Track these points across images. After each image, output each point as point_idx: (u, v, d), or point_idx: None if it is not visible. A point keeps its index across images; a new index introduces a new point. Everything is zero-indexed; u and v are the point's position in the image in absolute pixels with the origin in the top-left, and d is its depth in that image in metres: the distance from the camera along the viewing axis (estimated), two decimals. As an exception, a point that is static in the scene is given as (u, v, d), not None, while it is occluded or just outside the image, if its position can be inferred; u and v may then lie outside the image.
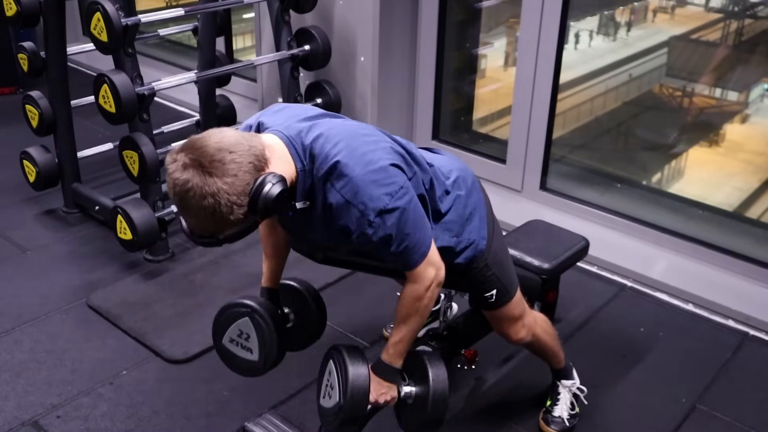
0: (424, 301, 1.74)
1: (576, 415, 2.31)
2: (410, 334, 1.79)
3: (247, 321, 1.92)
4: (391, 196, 1.60)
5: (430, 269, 1.72)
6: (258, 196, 1.51)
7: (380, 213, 1.60)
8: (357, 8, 3.58)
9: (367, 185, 1.58)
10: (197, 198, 1.49)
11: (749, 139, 3.34)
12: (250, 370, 1.98)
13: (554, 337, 2.25)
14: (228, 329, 1.96)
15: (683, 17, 3.44)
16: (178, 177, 1.50)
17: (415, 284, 1.73)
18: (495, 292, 1.99)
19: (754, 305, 2.85)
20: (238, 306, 1.93)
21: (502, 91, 3.88)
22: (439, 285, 1.75)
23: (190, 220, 1.56)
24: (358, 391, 1.74)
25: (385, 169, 1.61)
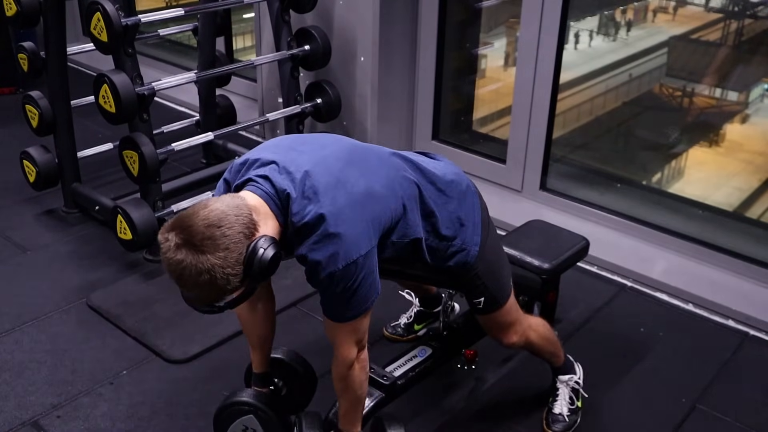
0: (349, 382, 1.81)
1: (577, 410, 2.30)
2: (352, 405, 1.88)
3: (251, 418, 2.00)
4: (345, 265, 1.62)
5: (352, 348, 1.77)
6: (252, 263, 1.55)
7: (329, 275, 1.63)
8: (357, 8, 3.58)
9: (325, 250, 1.61)
10: (194, 275, 1.53)
11: (749, 139, 3.34)
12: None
13: (551, 341, 2.25)
14: (231, 426, 2.04)
15: (683, 17, 3.44)
16: (172, 257, 1.54)
17: (336, 361, 1.79)
18: (483, 300, 2.00)
19: (754, 305, 2.85)
20: (239, 405, 2.01)
21: (502, 91, 3.88)
22: (362, 368, 1.81)
23: (190, 294, 1.61)
24: None
25: (349, 239, 1.62)
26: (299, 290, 2.90)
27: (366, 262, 1.65)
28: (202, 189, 3.39)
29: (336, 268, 1.61)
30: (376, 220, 1.68)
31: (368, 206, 1.67)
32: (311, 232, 1.61)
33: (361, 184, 1.67)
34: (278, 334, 2.71)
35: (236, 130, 3.85)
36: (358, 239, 1.63)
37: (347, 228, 1.62)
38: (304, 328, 2.74)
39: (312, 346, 2.60)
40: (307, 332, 2.72)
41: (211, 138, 3.40)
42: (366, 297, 1.70)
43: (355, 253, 1.62)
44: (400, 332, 2.67)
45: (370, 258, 1.67)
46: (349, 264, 1.62)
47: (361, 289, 1.67)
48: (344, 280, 1.64)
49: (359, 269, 1.64)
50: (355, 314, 1.71)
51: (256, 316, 2.01)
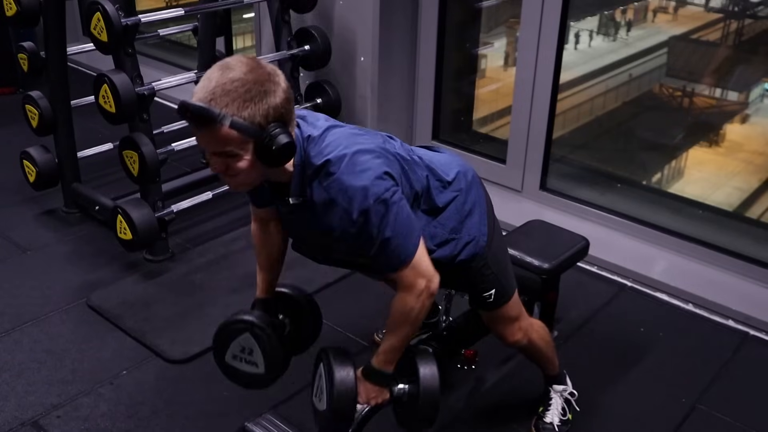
0: (413, 312, 1.74)
1: (568, 421, 2.30)
2: (400, 342, 1.80)
3: (248, 336, 1.93)
4: (376, 196, 1.61)
5: (420, 280, 1.72)
6: (275, 128, 1.53)
7: (363, 212, 1.61)
8: (357, 8, 3.58)
9: (352, 184, 1.60)
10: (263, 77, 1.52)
11: (749, 139, 3.34)
12: (257, 383, 2.00)
13: (550, 345, 2.25)
14: (229, 347, 1.97)
15: (683, 17, 3.44)
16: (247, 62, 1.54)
17: (404, 293, 1.73)
18: (493, 292, 1.99)
19: (754, 305, 2.85)
20: (237, 323, 1.94)
21: (502, 91, 3.88)
22: (430, 296, 1.75)
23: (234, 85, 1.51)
24: (343, 397, 1.77)
25: (372, 170, 1.62)
26: (299, 290, 2.90)
27: (395, 197, 1.64)
28: (202, 189, 3.39)
29: (367, 204, 1.60)
30: (396, 173, 1.69)
31: (388, 157, 1.68)
32: (334, 170, 1.61)
33: (377, 140, 1.70)
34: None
35: (236, 130, 3.84)
36: (383, 175, 1.63)
37: (371, 166, 1.62)
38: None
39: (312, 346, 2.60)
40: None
41: (211, 138, 3.39)
42: (410, 226, 1.68)
43: (382, 187, 1.62)
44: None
45: (398, 194, 1.66)
46: (379, 197, 1.61)
47: (400, 220, 1.65)
48: (378, 215, 1.62)
49: (391, 200, 1.63)
50: (411, 248, 1.69)
51: (266, 236, 1.98)
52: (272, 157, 1.55)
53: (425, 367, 1.83)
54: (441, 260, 1.88)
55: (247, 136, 1.52)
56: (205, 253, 3.24)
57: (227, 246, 3.30)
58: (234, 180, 1.61)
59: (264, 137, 1.53)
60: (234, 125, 1.50)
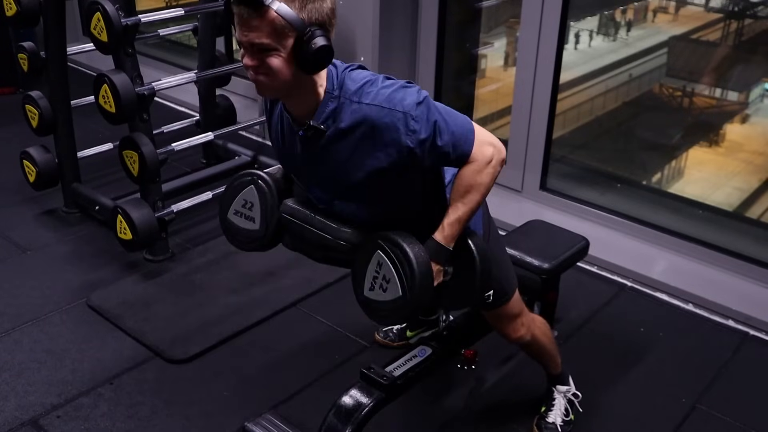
0: (484, 177, 1.68)
1: (570, 422, 2.30)
2: (467, 213, 1.71)
3: (251, 189, 1.89)
4: (417, 92, 1.61)
5: (488, 147, 1.69)
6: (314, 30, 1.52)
7: (418, 104, 1.60)
8: (357, 8, 3.58)
9: (395, 90, 1.60)
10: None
11: (749, 139, 3.34)
12: (251, 242, 1.94)
13: (552, 342, 2.25)
14: (233, 201, 1.93)
15: (683, 17, 3.44)
16: None
17: (473, 162, 1.68)
18: (492, 292, 1.99)
19: (754, 305, 2.85)
20: (245, 176, 1.90)
21: (502, 91, 3.88)
22: (501, 163, 1.70)
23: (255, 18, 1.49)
24: (425, 278, 1.66)
25: (401, 82, 1.64)
26: (299, 290, 2.90)
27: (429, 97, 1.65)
28: (202, 189, 3.39)
29: (421, 95, 1.60)
30: None
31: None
32: (369, 92, 1.60)
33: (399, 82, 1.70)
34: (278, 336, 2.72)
35: (236, 130, 3.85)
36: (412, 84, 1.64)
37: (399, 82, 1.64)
38: (304, 329, 2.74)
39: (312, 346, 2.61)
40: (308, 332, 2.72)
41: (211, 138, 3.40)
42: (462, 117, 1.68)
43: (417, 87, 1.63)
44: (392, 337, 2.66)
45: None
46: (421, 92, 1.62)
47: (451, 114, 1.66)
48: (431, 104, 1.62)
49: (431, 100, 1.64)
50: (470, 132, 1.68)
51: None
52: (309, 58, 1.53)
53: (475, 240, 1.75)
54: None
55: (290, 28, 1.50)
56: (205, 253, 3.24)
57: (227, 246, 3.24)
58: (264, 79, 1.57)
59: (306, 33, 1.51)
60: (280, 11, 1.48)
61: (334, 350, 2.62)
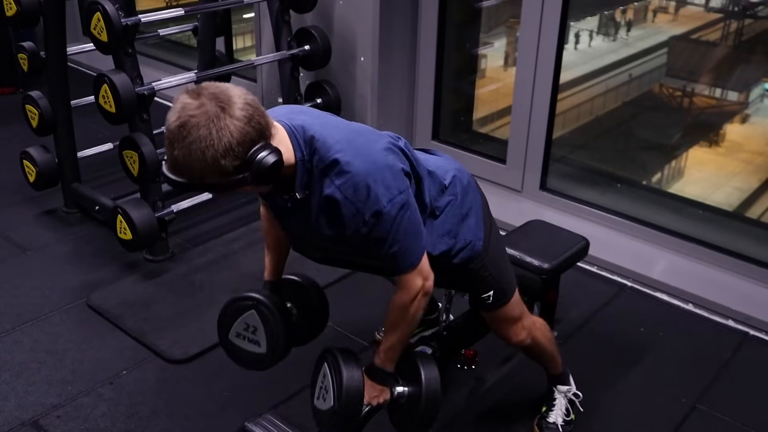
0: (410, 311, 1.76)
1: (571, 422, 2.30)
2: (399, 341, 1.81)
3: (253, 314, 1.91)
4: (389, 199, 1.60)
5: (418, 279, 1.73)
6: (256, 156, 1.48)
7: (376, 214, 1.60)
8: (357, 8, 3.58)
9: (366, 185, 1.58)
10: (201, 126, 1.46)
11: (749, 139, 3.34)
12: (257, 363, 1.97)
13: (553, 343, 2.24)
14: (234, 324, 1.95)
15: (683, 17, 3.44)
16: (190, 102, 1.49)
17: (402, 292, 1.75)
18: (492, 293, 1.99)
19: (754, 305, 2.85)
20: (244, 300, 1.92)
21: (502, 91, 3.88)
22: (426, 295, 1.77)
23: (179, 153, 1.50)
24: (352, 395, 1.77)
25: (388, 170, 1.61)
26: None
27: (409, 200, 1.65)
28: (202, 189, 3.39)
29: (381, 206, 1.60)
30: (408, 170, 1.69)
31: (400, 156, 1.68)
32: (347, 168, 1.58)
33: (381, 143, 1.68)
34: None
35: (236, 130, 3.84)
36: (395, 176, 1.63)
37: (387, 164, 1.61)
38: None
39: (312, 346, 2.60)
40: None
41: (211, 138, 3.38)
42: (418, 231, 1.69)
43: (396, 190, 1.61)
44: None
45: (411, 196, 1.66)
46: (392, 199, 1.61)
47: (411, 223, 1.66)
48: (390, 218, 1.62)
49: (404, 205, 1.63)
50: (418, 253, 1.71)
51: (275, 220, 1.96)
52: (268, 177, 1.51)
53: (427, 370, 1.84)
54: (438, 263, 1.88)
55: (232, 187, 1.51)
56: (205, 253, 3.24)
57: (227, 246, 3.30)
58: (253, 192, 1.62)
59: (251, 169, 1.48)
60: (219, 186, 1.50)
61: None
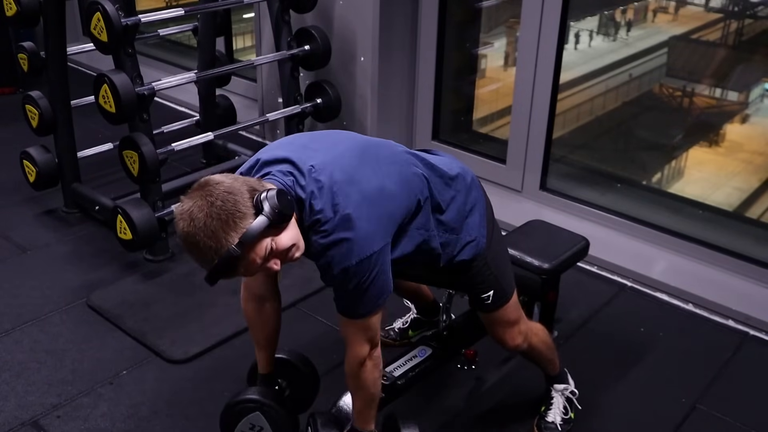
0: (362, 380, 1.81)
1: (570, 421, 2.30)
2: (365, 403, 1.87)
3: (258, 415, 1.99)
4: (359, 261, 1.63)
5: (364, 346, 1.77)
6: (261, 200, 1.54)
7: (344, 270, 1.64)
8: (357, 8, 3.58)
9: (340, 245, 1.62)
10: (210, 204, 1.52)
11: (749, 139, 3.34)
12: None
13: (550, 347, 2.25)
14: (238, 425, 2.02)
15: (683, 17, 3.44)
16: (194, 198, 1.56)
17: (349, 357, 1.79)
18: (492, 293, 1.99)
19: (754, 305, 2.85)
20: (246, 402, 2.00)
21: (502, 91, 3.88)
22: (375, 367, 1.80)
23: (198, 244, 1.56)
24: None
25: (363, 234, 1.63)
26: (299, 290, 2.90)
27: (379, 259, 1.66)
28: (202, 189, 3.39)
29: (350, 263, 1.62)
30: (389, 218, 1.70)
31: (382, 204, 1.68)
32: (325, 227, 1.62)
33: (373, 182, 1.68)
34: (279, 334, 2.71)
35: (236, 130, 3.85)
36: (372, 236, 1.64)
37: (361, 224, 1.62)
38: (304, 329, 2.74)
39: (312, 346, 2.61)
40: (307, 332, 2.72)
41: (211, 138, 3.40)
42: (378, 295, 1.70)
43: (368, 250, 1.63)
44: (393, 336, 2.66)
45: (384, 255, 1.67)
46: (362, 260, 1.62)
47: (373, 286, 1.67)
48: (357, 276, 1.64)
49: (372, 266, 1.64)
50: (367, 311, 1.72)
51: (263, 316, 2.01)
52: (282, 218, 1.55)
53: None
54: (441, 260, 1.88)
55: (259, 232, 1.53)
56: (205, 253, 3.24)
57: (227, 246, 3.29)
58: (293, 254, 1.63)
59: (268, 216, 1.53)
60: (245, 238, 1.52)
61: (334, 350, 2.61)
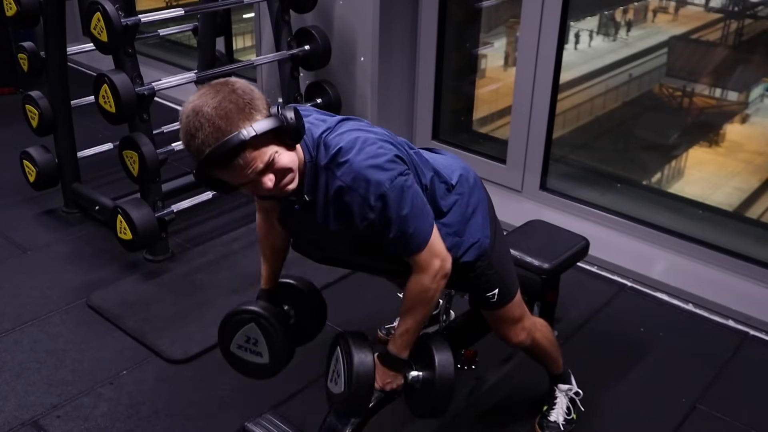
0: (429, 293, 1.76)
1: (572, 421, 2.30)
2: (415, 325, 1.81)
3: (253, 327, 1.94)
4: (390, 180, 1.63)
5: (435, 260, 1.73)
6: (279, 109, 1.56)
7: (380, 196, 1.62)
8: (357, 8, 3.58)
9: (366, 170, 1.62)
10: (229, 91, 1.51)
11: (749, 139, 3.34)
12: (261, 373, 2.01)
13: (554, 343, 2.25)
14: (234, 337, 1.98)
15: (683, 17, 3.44)
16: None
17: (419, 275, 1.75)
18: (497, 291, 1.99)
19: (754, 305, 2.85)
20: (242, 313, 1.95)
21: (502, 91, 3.88)
22: (444, 277, 1.76)
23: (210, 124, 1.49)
24: (361, 381, 1.77)
25: (385, 156, 1.64)
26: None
27: (409, 179, 1.66)
28: (202, 189, 3.39)
29: (383, 187, 1.61)
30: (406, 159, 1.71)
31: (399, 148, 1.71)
32: (348, 157, 1.62)
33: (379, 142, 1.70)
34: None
35: (236, 130, 3.84)
36: (396, 159, 1.65)
37: (383, 152, 1.64)
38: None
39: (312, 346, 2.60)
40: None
41: (211, 138, 3.39)
42: (424, 211, 1.70)
43: (396, 170, 1.64)
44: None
45: (411, 178, 1.68)
46: (394, 179, 1.62)
47: (414, 205, 1.67)
48: (394, 194, 1.63)
49: (404, 183, 1.65)
50: (425, 231, 1.71)
51: (272, 228, 1.99)
52: (295, 134, 1.56)
53: (441, 354, 1.84)
54: None
55: (269, 132, 1.53)
56: (205, 253, 3.24)
57: (227, 246, 3.30)
58: (288, 181, 1.61)
59: (281, 120, 1.54)
60: (258, 128, 1.50)
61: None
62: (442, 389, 1.83)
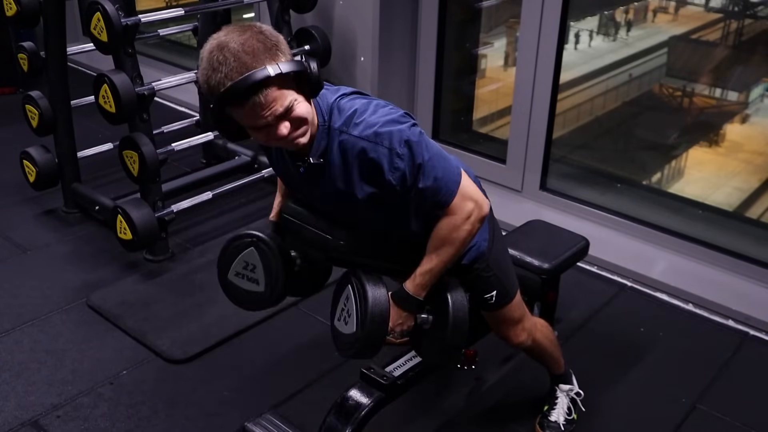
0: (461, 233, 1.69)
1: (573, 421, 2.30)
2: (440, 265, 1.73)
3: (252, 251, 1.87)
4: (408, 128, 1.62)
5: (468, 203, 1.68)
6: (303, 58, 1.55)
7: (405, 142, 1.60)
8: (357, 8, 3.58)
9: (384, 125, 1.60)
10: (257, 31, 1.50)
11: (749, 139, 3.34)
12: (256, 303, 1.93)
13: (554, 343, 2.25)
14: (233, 263, 1.91)
15: (683, 17, 3.44)
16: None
17: (450, 216, 1.68)
18: (495, 293, 1.99)
19: (754, 305, 2.85)
20: (243, 237, 1.88)
21: (502, 91, 3.88)
22: (480, 221, 1.71)
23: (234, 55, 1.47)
24: (376, 321, 1.69)
25: (398, 112, 1.65)
26: (299, 290, 2.90)
27: (421, 130, 1.66)
28: (202, 189, 3.39)
29: (405, 134, 1.60)
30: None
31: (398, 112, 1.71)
32: (364, 117, 1.61)
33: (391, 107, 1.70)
34: (278, 335, 2.72)
35: (236, 130, 3.84)
36: (406, 116, 1.66)
37: (394, 111, 1.65)
38: (304, 328, 2.74)
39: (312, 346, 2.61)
40: (308, 332, 2.72)
41: (211, 138, 3.40)
42: (444, 153, 1.68)
43: (410, 122, 1.64)
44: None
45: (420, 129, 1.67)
46: (412, 126, 1.62)
47: (434, 147, 1.66)
48: (416, 139, 1.61)
49: (422, 134, 1.65)
50: (454, 174, 1.67)
51: None
52: (316, 83, 1.56)
53: (454, 294, 1.76)
54: None
55: (293, 76, 1.52)
56: (205, 253, 3.24)
57: (227, 246, 3.29)
58: (303, 132, 1.58)
59: (304, 67, 1.52)
60: (282, 67, 1.48)
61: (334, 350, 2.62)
62: (455, 332, 1.74)
